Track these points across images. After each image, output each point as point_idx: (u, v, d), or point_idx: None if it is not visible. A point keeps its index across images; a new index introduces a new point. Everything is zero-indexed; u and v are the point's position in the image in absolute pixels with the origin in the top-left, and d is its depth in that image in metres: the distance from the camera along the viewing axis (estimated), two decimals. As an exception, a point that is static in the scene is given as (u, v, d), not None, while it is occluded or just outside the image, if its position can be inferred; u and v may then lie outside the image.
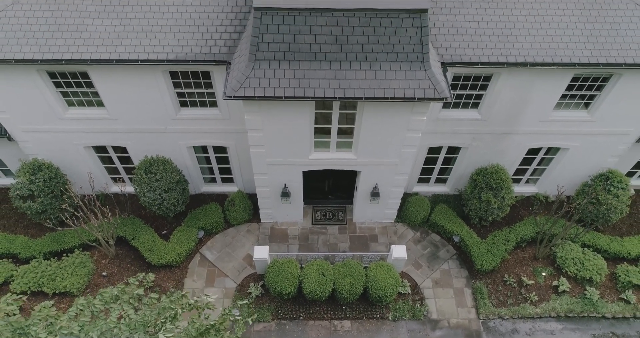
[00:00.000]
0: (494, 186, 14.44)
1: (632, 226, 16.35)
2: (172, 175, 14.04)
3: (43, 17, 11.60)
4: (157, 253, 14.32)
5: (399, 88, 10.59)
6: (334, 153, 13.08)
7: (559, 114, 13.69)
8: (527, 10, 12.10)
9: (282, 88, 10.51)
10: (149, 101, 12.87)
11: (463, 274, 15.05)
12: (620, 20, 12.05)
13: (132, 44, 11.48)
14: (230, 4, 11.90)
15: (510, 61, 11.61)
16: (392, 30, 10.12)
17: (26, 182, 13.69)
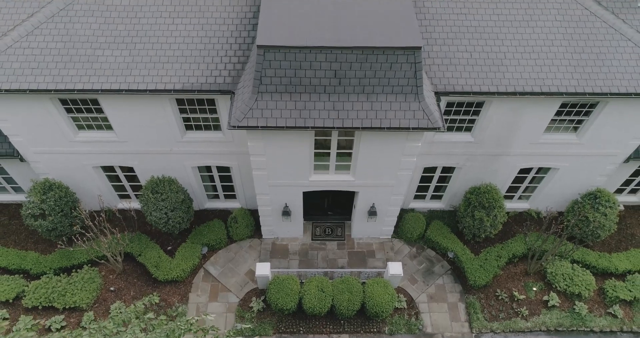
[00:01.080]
0: (487, 205, 15.02)
1: (621, 242, 16.94)
2: (177, 195, 14.63)
3: (56, 48, 12.19)
4: (162, 269, 14.91)
5: (394, 118, 11.17)
6: (333, 175, 13.66)
7: (548, 137, 14.28)
8: (517, 41, 12.69)
9: (283, 118, 11.09)
10: (156, 125, 13.46)
11: (457, 289, 15.64)
12: (606, 51, 12.64)
13: (141, 74, 12.07)
14: (234, 36, 12.49)
15: (501, 91, 12.20)
16: (387, 65, 10.70)
17: (37, 201, 14.27)
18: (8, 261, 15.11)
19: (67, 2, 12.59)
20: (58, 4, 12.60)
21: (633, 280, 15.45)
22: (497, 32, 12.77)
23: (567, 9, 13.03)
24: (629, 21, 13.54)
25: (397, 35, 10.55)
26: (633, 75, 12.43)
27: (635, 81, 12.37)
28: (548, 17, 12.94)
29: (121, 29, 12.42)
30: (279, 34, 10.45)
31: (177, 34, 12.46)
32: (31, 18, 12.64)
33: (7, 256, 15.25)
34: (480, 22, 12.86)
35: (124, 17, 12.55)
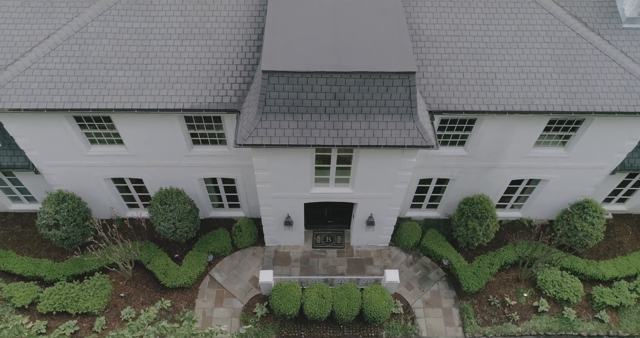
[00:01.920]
0: (479, 215, 15.75)
1: (609, 249, 17.67)
2: (184, 206, 15.36)
3: (72, 69, 12.92)
4: (170, 276, 15.65)
5: (390, 137, 11.90)
6: (333, 187, 14.39)
7: (538, 151, 15.00)
8: (507, 61, 13.42)
9: (286, 137, 11.81)
10: (165, 140, 14.19)
11: (451, 295, 16.37)
12: (592, 71, 13.36)
13: (152, 94, 12.80)
14: (240, 57, 13.23)
15: (491, 110, 12.93)
16: (384, 88, 11.43)
17: (52, 212, 15.00)
18: (23, 268, 15.85)
19: (82, 25, 13.32)
20: (73, 26, 13.34)
21: (619, 287, 16.17)
22: (488, 53, 13.50)
23: (554, 30, 13.76)
24: (613, 42, 14.25)
25: (393, 60, 11.28)
26: (616, 94, 13.15)
27: (619, 100, 13.09)
28: (537, 38, 13.67)
29: (133, 50, 13.16)
30: (282, 60, 11.18)
31: (186, 55, 13.19)
32: (48, 39, 13.37)
33: (22, 264, 15.99)
34: (472, 43, 13.58)
35: (136, 39, 13.28)
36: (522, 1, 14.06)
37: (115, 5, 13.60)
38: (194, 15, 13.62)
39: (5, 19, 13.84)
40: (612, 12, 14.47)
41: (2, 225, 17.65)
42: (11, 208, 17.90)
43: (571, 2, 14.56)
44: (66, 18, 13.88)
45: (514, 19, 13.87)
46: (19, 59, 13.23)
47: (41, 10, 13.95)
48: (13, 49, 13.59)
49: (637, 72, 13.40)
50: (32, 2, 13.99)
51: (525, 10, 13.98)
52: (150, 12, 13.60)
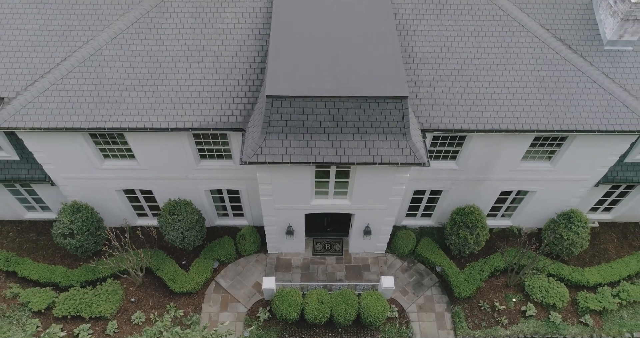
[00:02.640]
0: (470, 225, 16.67)
1: (594, 256, 18.59)
2: (192, 216, 16.29)
3: (88, 90, 13.84)
4: (178, 283, 16.57)
5: (385, 155, 12.81)
6: (332, 199, 15.31)
7: (525, 165, 15.92)
8: (494, 83, 14.33)
9: (288, 155, 12.73)
10: (174, 155, 15.11)
11: (444, 300, 17.29)
12: (574, 92, 14.27)
13: (163, 113, 13.72)
14: (245, 78, 14.15)
15: (480, 128, 13.84)
16: (379, 111, 12.35)
17: (67, 222, 15.92)
18: (39, 274, 16.78)
19: (97, 48, 14.24)
20: (88, 49, 14.26)
21: (603, 292, 17.09)
22: (477, 74, 14.41)
23: (539, 53, 14.67)
24: (595, 63, 15.14)
25: (387, 85, 12.20)
26: (597, 114, 14.07)
27: (599, 119, 14.01)
28: (523, 61, 14.58)
29: (145, 72, 14.08)
30: (285, 85, 12.09)
31: (194, 77, 14.12)
32: (65, 62, 14.30)
33: (38, 270, 16.91)
34: (462, 65, 14.50)
35: (147, 61, 14.20)
36: (509, 25, 14.97)
37: (128, 29, 14.51)
38: (202, 39, 14.54)
39: (24, 42, 14.74)
40: (594, 35, 15.37)
41: (18, 232, 18.57)
42: (26, 217, 18.82)
43: (556, 25, 15.45)
44: (82, 41, 14.77)
45: (501, 42, 14.78)
46: (38, 80, 14.17)
47: (58, 33, 14.84)
48: (32, 70, 14.47)
49: (617, 92, 14.32)
50: (50, 25, 14.89)
51: (512, 33, 14.90)
52: (160, 36, 14.52)
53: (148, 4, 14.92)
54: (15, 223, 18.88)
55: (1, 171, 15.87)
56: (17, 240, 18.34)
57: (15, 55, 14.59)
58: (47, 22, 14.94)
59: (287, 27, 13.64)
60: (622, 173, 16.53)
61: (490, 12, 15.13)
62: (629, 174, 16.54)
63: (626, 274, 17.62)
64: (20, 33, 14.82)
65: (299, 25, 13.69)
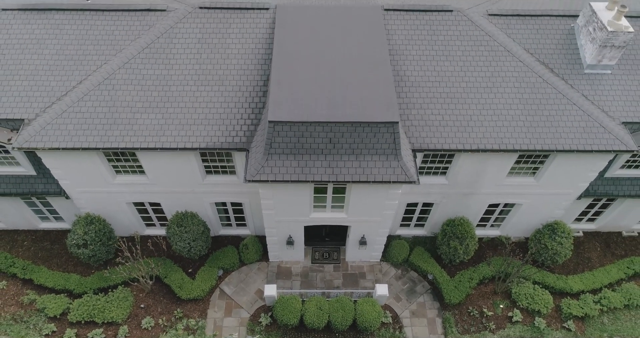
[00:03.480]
0: (460, 236, 17.72)
1: (578, 264, 19.63)
2: (198, 227, 17.35)
3: (102, 112, 14.89)
4: (185, 290, 17.62)
5: (378, 174, 13.84)
6: (329, 213, 16.35)
7: (511, 180, 16.96)
8: (481, 105, 15.37)
9: (289, 174, 13.76)
10: (181, 171, 16.16)
11: (435, 306, 18.34)
12: (555, 114, 15.31)
13: (172, 134, 14.77)
14: (248, 101, 15.20)
15: (467, 148, 14.88)
16: (372, 134, 13.39)
17: (81, 233, 16.98)
18: (54, 282, 17.84)
19: (110, 72, 15.30)
20: (102, 73, 15.33)
21: (585, 299, 18.13)
22: (465, 97, 15.45)
23: (523, 77, 15.71)
24: (576, 86, 16.15)
25: (380, 111, 13.25)
26: (576, 134, 15.10)
27: (578, 140, 15.04)
28: (508, 84, 15.62)
29: (155, 95, 15.13)
30: (286, 111, 13.14)
31: (201, 99, 15.17)
32: (80, 85, 15.37)
33: (53, 278, 17.97)
34: (451, 89, 15.54)
35: (157, 85, 15.26)
36: (495, 50, 16.01)
37: (139, 54, 15.57)
38: (208, 63, 15.59)
39: (42, 66, 15.77)
40: (575, 59, 16.39)
41: (33, 241, 19.64)
42: (40, 226, 19.88)
43: (540, 49, 16.47)
44: (96, 65, 15.80)
45: (488, 66, 15.82)
46: (56, 102, 15.23)
47: (74, 57, 15.89)
48: (50, 93, 15.50)
49: (595, 114, 15.36)
50: (66, 50, 15.93)
51: (498, 58, 15.94)
52: (169, 61, 15.57)
53: (158, 30, 15.98)
54: (30, 232, 19.94)
55: (19, 185, 16.91)
56: (32, 248, 19.40)
57: (34, 78, 15.62)
58: (64, 47, 15.99)
59: (287, 54, 14.68)
60: (603, 187, 17.56)
61: (478, 37, 16.17)
62: (609, 188, 17.57)
63: (607, 282, 18.66)
64: (38, 58, 15.86)
65: (298, 52, 14.73)
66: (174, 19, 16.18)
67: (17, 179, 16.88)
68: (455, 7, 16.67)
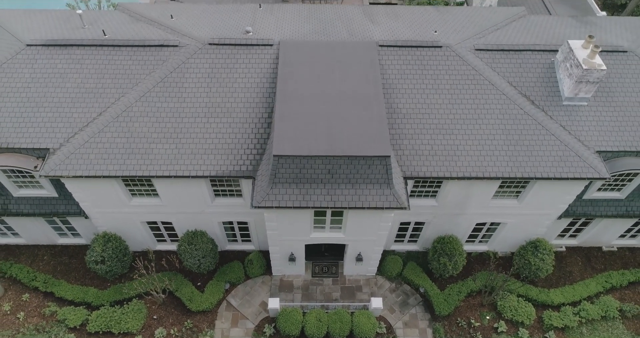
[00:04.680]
0: (449, 253, 19.15)
1: (561, 278, 21.06)
2: (207, 245, 18.78)
3: (121, 143, 16.31)
4: (195, 302, 19.06)
5: (372, 201, 15.27)
6: (328, 233, 17.79)
7: (495, 202, 18.38)
8: (467, 135, 16.78)
9: (291, 201, 15.19)
10: (192, 195, 17.59)
11: (426, 317, 19.76)
12: (534, 144, 16.72)
13: (185, 163, 16.19)
14: (254, 132, 16.61)
15: (453, 176, 16.30)
16: (366, 166, 14.82)
17: (99, 251, 18.42)
18: (74, 295, 19.28)
19: (127, 105, 16.72)
20: (120, 106, 16.75)
21: (565, 311, 19.56)
22: (452, 128, 16.86)
23: (506, 109, 17.13)
24: (555, 116, 17.55)
25: (373, 146, 14.68)
26: (553, 163, 16.51)
27: (555, 168, 16.45)
28: (491, 116, 17.04)
29: (169, 127, 16.55)
30: (289, 146, 14.57)
31: (211, 130, 16.59)
32: (100, 117, 16.79)
33: (72, 291, 19.41)
34: (439, 120, 16.96)
35: (171, 117, 16.68)
36: (481, 84, 17.44)
37: (154, 88, 17.00)
38: (217, 97, 17.02)
39: (65, 98, 17.17)
40: (555, 91, 17.79)
41: (52, 256, 21.07)
42: (59, 242, 21.32)
43: (522, 82, 17.87)
44: (114, 97, 17.21)
45: (474, 99, 17.24)
46: (78, 133, 16.66)
47: (94, 90, 17.29)
48: (72, 124, 16.90)
49: (571, 144, 16.78)
50: (87, 83, 17.34)
51: (483, 91, 17.35)
52: (182, 94, 17.00)
53: (171, 65, 17.41)
54: (49, 247, 21.38)
55: (42, 206, 18.33)
56: (51, 262, 20.84)
57: (57, 110, 17.03)
58: (84, 80, 17.41)
59: (290, 91, 16.11)
60: (581, 208, 18.98)
61: (465, 72, 17.60)
62: (587, 209, 18.99)
63: (586, 295, 20.10)
64: (61, 91, 17.28)
65: (300, 89, 16.16)
66: (185, 54, 17.60)
67: (41, 200, 18.31)
68: (445, 43, 18.10)
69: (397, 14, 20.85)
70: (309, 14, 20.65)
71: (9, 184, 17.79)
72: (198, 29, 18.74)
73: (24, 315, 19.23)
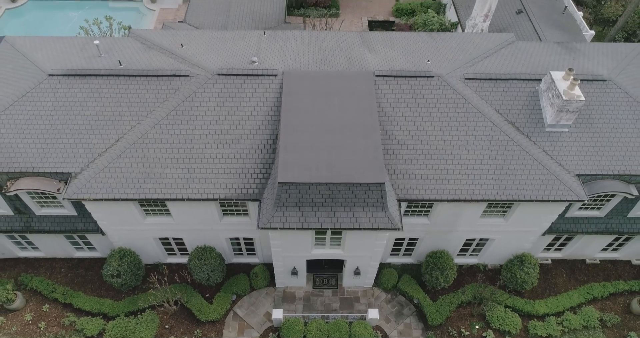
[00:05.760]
0: (441, 267, 20.56)
1: (546, 289, 22.47)
2: (215, 260, 20.20)
3: (137, 168, 17.70)
4: (204, 313, 20.47)
5: (368, 223, 16.66)
6: (328, 249, 19.20)
7: (484, 220, 19.79)
8: (456, 160, 18.17)
9: (294, 223, 16.58)
10: (202, 214, 18.99)
11: (420, 326, 21.18)
12: (519, 168, 18.11)
13: (196, 186, 17.59)
14: (260, 157, 18.00)
15: (444, 198, 17.69)
16: (363, 192, 16.23)
17: (115, 265, 19.83)
18: (91, 306, 20.70)
19: (143, 132, 18.12)
20: (136, 133, 18.15)
21: (549, 321, 20.97)
22: (443, 153, 18.26)
23: (493, 135, 18.52)
24: (538, 142, 18.93)
25: (370, 173, 16.07)
26: (536, 186, 17.90)
27: (537, 191, 17.84)
28: (479, 142, 18.43)
29: (181, 152, 17.94)
30: (293, 174, 15.97)
31: (220, 156, 17.98)
32: (118, 143, 18.19)
33: (89, 302, 20.83)
34: (431, 146, 18.35)
35: (183, 143, 18.07)
36: (470, 112, 18.83)
37: (167, 116, 18.39)
38: (226, 124, 18.41)
39: (85, 125, 18.56)
40: (538, 119, 19.18)
41: (69, 268, 22.48)
42: (75, 255, 22.73)
43: (508, 110, 19.26)
44: (130, 124, 18.59)
45: (463, 126, 18.63)
46: (98, 158, 18.05)
47: (111, 118, 18.67)
48: (92, 149, 18.27)
49: (552, 168, 18.19)
50: (105, 111, 18.73)
51: (472, 118, 18.74)
52: (193, 122, 18.40)
53: (182, 94, 18.81)
54: (66, 260, 22.79)
55: (63, 224, 19.73)
56: (69, 275, 22.24)
57: (78, 136, 18.41)
58: (102, 108, 18.80)
59: (293, 121, 17.50)
60: (564, 225, 20.39)
61: (455, 100, 18.99)
62: (569, 226, 20.40)
63: (569, 305, 21.52)
64: (81, 118, 18.66)
65: (302, 119, 17.54)
66: (196, 84, 19.01)
67: (61, 219, 19.71)
68: (437, 73, 19.50)
69: (392, 41, 22.22)
70: (310, 41, 22.04)
71: (32, 204, 19.18)
72: (207, 58, 20.13)
73: (45, 324, 20.63)
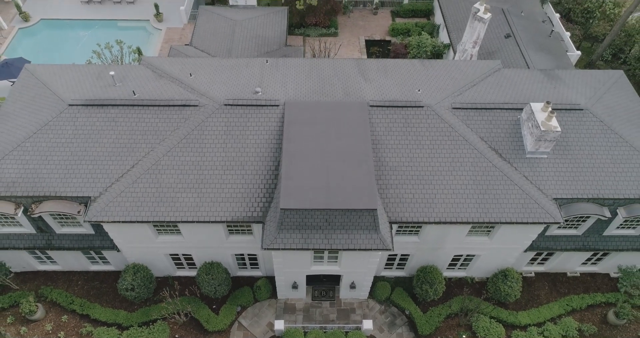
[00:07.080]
0: (430, 281, 22.23)
1: (529, 301, 24.13)
2: (221, 274, 21.87)
3: (152, 192, 19.36)
4: (211, 323, 22.14)
5: (362, 243, 18.32)
6: (326, 266, 20.86)
7: (469, 239, 21.46)
8: (443, 185, 19.83)
9: (295, 243, 18.24)
10: (211, 234, 20.66)
11: (411, 336, 22.83)
12: (500, 193, 19.77)
13: (205, 210, 19.25)
14: (263, 182, 19.66)
15: (431, 221, 19.35)
16: (357, 217, 17.89)
17: (129, 280, 21.50)
18: (107, 317, 22.37)
19: (156, 159, 19.78)
20: (150, 160, 19.81)
21: (531, 331, 22.63)
22: (431, 179, 19.91)
23: (477, 162, 20.17)
24: (519, 168, 20.57)
25: (363, 200, 17.74)
26: (516, 209, 19.55)
27: (517, 213, 19.49)
28: (464, 168, 20.08)
29: (192, 178, 19.60)
30: (294, 201, 17.64)
31: (227, 181, 19.64)
32: (133, 169, 19.85)
33: (104, 313, 22.50)
34: (420, 171, 20.00)
35: (193, 169, 19.73)
36: (456, 140, 20.48)
37: (179, 144, 20.05)
38: (232, 151, 20.06)
39: (102, 152, 20.21)
40: (519, 146, 20.82)
41: (85, 281, 24.15)
42: (91, 268, 24.40)
43: (492, 137, 20.91)
44: (144, 151, 20.23)
45: (449, 153, 20.27)
46: (115, 183, 19.70)
47: (127, 145, 20.33)
48: (109, 175, 19.92)
49: (532, 193, 19.84)
50: (120, 139, 20.38)
51: (458, 146, 20.39)
52: (202, 149, 20.05)
53: (192, 123, 20.47)
54: (82, 273, 24.45)
55: (81, 241, 21.40)
56: (85, 287, 23.91)
57: (96, 163, 20.06)
58: (119, 136, 20.45)
59: (294, 150, 19.15)
60: (544, 242, 22.05)
61: (443, 129, 20.65)
62: (549, 244, 22.06)
63: (550, 316, 23.18)
64: (99, 145, 20.32)
65: (302, 149, 19.18)
66: (204, 114, 20.67)
67: (79, 237, 21.37)
68: (426, 103, 21.16)
69: (387, 69, 23.88)
70: (310, 69, 23.69)
71: (54, 223, 20.84)
72: (214, 88, 21.78)
73: (64, 334, 22.30)
